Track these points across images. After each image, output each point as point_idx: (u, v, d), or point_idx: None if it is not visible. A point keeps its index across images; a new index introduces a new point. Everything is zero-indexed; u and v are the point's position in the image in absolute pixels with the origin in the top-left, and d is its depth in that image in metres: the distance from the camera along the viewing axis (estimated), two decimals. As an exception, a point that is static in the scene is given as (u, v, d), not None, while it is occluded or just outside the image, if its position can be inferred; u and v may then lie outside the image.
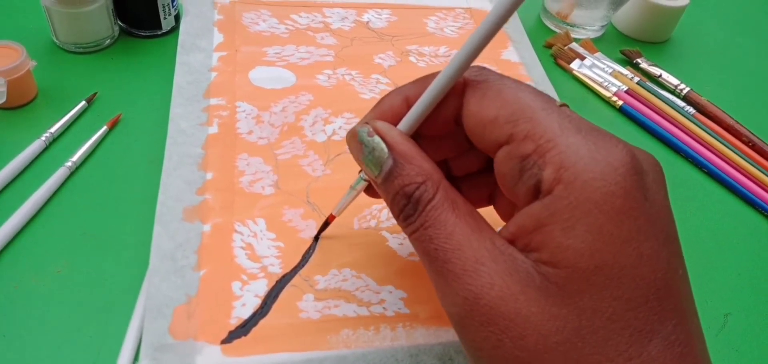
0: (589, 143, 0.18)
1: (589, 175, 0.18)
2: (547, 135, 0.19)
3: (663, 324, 0.18)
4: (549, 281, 0.18)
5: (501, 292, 0.19)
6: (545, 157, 0.19)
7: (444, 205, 0.21)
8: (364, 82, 0.41)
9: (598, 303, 0.17)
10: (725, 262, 0.36)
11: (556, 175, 0.18)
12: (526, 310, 0.18)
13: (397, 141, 0.22)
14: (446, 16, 0.50)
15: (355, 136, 0.23)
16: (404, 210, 0.21)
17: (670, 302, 0.18)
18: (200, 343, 0.26)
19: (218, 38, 0.42)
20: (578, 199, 0.18)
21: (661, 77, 0.50)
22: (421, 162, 0.22)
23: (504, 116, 0.20)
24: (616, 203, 0.18)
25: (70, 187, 0.33)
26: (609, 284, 0.17)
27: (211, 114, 0.36)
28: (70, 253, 0.30)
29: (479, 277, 0.19)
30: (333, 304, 0.29)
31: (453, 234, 0.20)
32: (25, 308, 0.28)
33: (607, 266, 0.17)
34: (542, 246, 0.19)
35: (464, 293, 0.19)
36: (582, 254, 0.18)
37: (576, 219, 0.18)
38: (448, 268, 0.20)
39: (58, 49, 0.42)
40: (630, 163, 0.18)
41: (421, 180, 0.21)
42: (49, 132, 0.35)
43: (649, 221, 0.18)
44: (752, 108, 0.49)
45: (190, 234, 0.30)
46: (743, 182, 0.41)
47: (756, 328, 0.33)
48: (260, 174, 0.34)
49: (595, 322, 0.17)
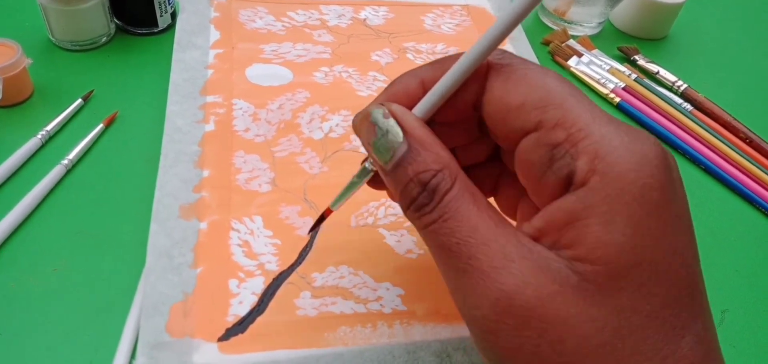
0: (622, 133, 0.18)
1: (625, 167, 0.17)
2: (579, 123, 0.18)
3: (694, 321, 0.17)
4: (586, 279, 0.17)
5: (537, 291, 0.17)
6: (578, 146, 0.18)
7: (464, 195, 0.19)
8: (361, 80, 0.41)
9: (637, 301, 0.17)
10: (723, 259, 0.36)
11: (591, 165, 0.17)
12: (565, 311, 0.17)
13: (414, 125, 0.20)
14: (443, 13, 0.50)
15: (367, 118, 0.21)
16: (417, 199, 0.20)
17: (699, 297, 0.18)
18: (197, 340, 0.26)
19: (215, 35, 0.42)
20: (616, 191, 0.17)
21: (659, 74, 0.50)
22: (439, 150, 0.20)
23: (531, 102, 0.19)
24: (653, 196, 0.17)
25: (67, 185, 0.33)
26: (647, 281, 0.17)
27: (208, 111, 0.36)
28: (67, 251, 0.30)
29: (511, 275, 0.18)
30: (330, 301, 0.29)
31: (477, 228, 0.19)
32: (21, 306, 0.28)
33: (647, 261, 0.17)
34: (577, 242, 0.17)
35: (495, 293, 0.18)
36: (622, 250, 0.17)
37: (615, 212, 0.17)
38: (473, 264, 0.18)
39: (54, 46, 0.42)
40: (662, 156, 0.18)
41: (439, 167, 0.20)
42: (45, 130, 0.35)
43: (680, 217, 0.18)
44: (750, 105, 0.49)
45: (186, 232, 0.30)
46: (741, 179, 0.41)
47: (753, 324, 0.33)
48: (257, 171, 0.34)
49: (634, 321, 0.17)
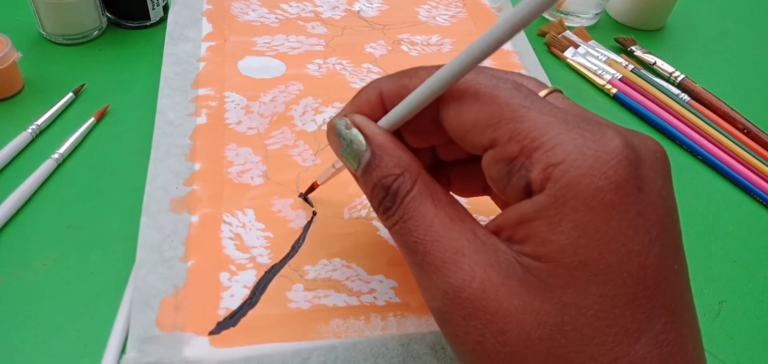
0: (576, 136, 0.17)
1: (577, 172, 0.17)
2: (532, 134, 0.18)
3: (652, 323, 0.17)
4: (530, 272, 0.18)
5: (482, 284, 0.18)
6: (532, 157, 0.18)
7: (422, 196, 0.20)
8: (355, 72, 0.41)
9: (582, 299, 0.17)
10: (720, 249, 0.36)
11: (544, 174, 0.17)
12: (508, 303, 0.18)
13: (375, 133, 0.22)
14: (438, 4, 0.49)
15: (333, 129, 0.23)
16: (383, 202, 0.21)
17: (660, 298, 0.17)
18: (188, 334, 0.26)
19: (207, 28, 0.42)
20: (565, 195, 0.17)
21: (656, 65, 0.49)
22: (400, 153, 0.21)
23: (484, 120, 0.19)
24: (605, 198, 0.17)
25: (57, 179, 0.33)
26: (594, 280, 0.17)
27: (200, 104, 0.36)
28: (57, 245, 0.30)
29: (459, 269, 0.18)
30: (323, 294, 0.28)
31: (432, 225, 0.20)
32: (11, 301, 0.27)
33: (593, 262, 0.17)
34: (526, 240, 0.18)
35: (444, 286, 0.19)
36: (565, 250, 0.17)
37: (562, 216, 0.17)
38: (427, 260, 0.19)
39: (45, 40, 0.41)
40: (622, 154, 0.17)
41: (399, 171, 0.21)
42: (36, 124, 0.35)
43: (641, 215, 0.17)
44: (747, 95, 0.49)
45: (177, 225, 0.30)
46: (738, 170, 0.41)
47: (751, 315, 0.33)
48: (249, 164, 0.33)
49: (579, 319, 0.17)
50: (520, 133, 0.18)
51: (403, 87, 0.22)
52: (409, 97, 0.21)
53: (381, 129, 0.22)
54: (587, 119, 0.18)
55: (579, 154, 0.17)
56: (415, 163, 0.21)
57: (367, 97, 0.23)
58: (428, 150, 0.25)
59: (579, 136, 0.17)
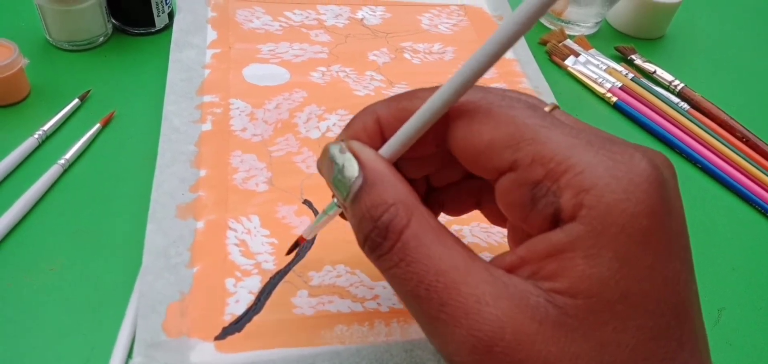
0: (605, 158, 0.16)
1: (612, 197, 0.16)
2: (557, 157, 0.17)
3: (682, 350, 0.16)
4: (567, 314, 0.16)
5: (515, 334, 0.16)
6: (560, 181, 0.17)
7: (427, 234, 0.18)
8: (359, 79, 0.41)
9: (621, 335, 0.16)
10: (720, 257, 0.36)
11: (577, 199, 0.16)
12: (546, 351, 0.16)
13: (371, 159, 0.19)
14: (440, 12, 0.50)
15: (326, 154, 0.21)
16: (369, 237, 0.19)
17: (689, 324, 0.17)
18: (194, 340, 0.26)
19: (212, 35, 0.42)
20: (603, 223, 0.16)
21: (656, 74, 0.50)
22: (396, 183, 0.19)
23: (501, 141, 0.18)
24: (642, 224, 0.16)
25: (63, 184, 0.33)
26: (633, 314, 0.16)
27: (205, 111, 0.36)
28: (64, 251, 0.30)
29: (486, 320, 0.17)
30: (327, 300, 0.29)
31: (446, 271, 0.17)
32: (18, 306, 0.28)
33: (633, 293, 0.16)
34: (559, 274, 0.16)
35: (472, 340, 0.17)
36: (607, 283, 0.16)
37: (601, 245, 0.16)
38: (445, 311, 0.17)
39: (51, 46, 0.41)
40: (653, 176, 0.16)
41: (391, 202, 0.18)
42: (42, 130, 0.35)
43: (673, 239, 0.17)
44: (746, 104, 0.49)
45: (183, 231, 0.30)
46: (738, 178, 0.41)
47: (750, 322, 0.33)
48: (254, 171, 0.34)
49: (618, 356, 0.16)
50: (544, 155, 0.17)
51: (402, 111, 0.20)
52: (411, 120, 0.19)
53: (379, 156, 0.20)
54: (608, 138, 0.17)
55: (611, 178, 0.16)
56: (411, 195, 0.19)
57: (363, 123, 0.21)
58: (423, 178, 0.24)
59: (608, 158, 0.16)
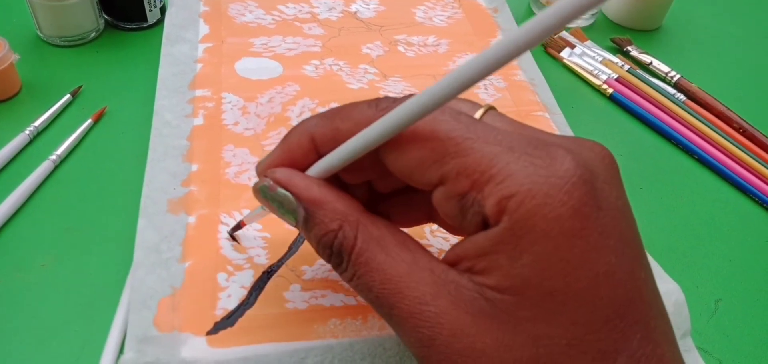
0: (526, 163, 0.17)
1: (533, 202, 0.16)
2: (480, 166, 0.17)
3: (628, 341, 0.17)
4: (497, 307, 0.17)
5: (452, 329, 0.17)
6: (484, 191, 0.17)
7: (370, 247, 0.19)
8: (352, 73, 0.41)
9: (554, 329, 0.16)
10: (716, 248, 0.36)
11: (499, 207, 0.17)
12: (481, 343, 0.17)
13: (302, 188, 0.20)
14: (435, 5, 0.50)
15: (257, 193, 0.22)
16: (331, 260, 0.20)
17: (634, 315, 0.17)
18: (185, 334, 0.26)
19: (204, 30, 0.42)
20: (523, 228, 0.16)
21: (652, 65, 0.49)
22: (334, 205, 0.20)
23: (427, 158, 0.18)
24: (565, 226, 0.16)
25: (55, 181, 0.33)
26: (563, 310, 0.16)
27: (197, 105, 0.36)
28: (55, 247, 0.30)
29: (426, 319, 0.18)
30: (320, 294, 0.28)
31: (389, 278, 0.19)
32: (8, 302, 0.27)
33: (559, 291, 0.16)
34: (488, 271, 0.17)
35: (417, 335, 0.18)
36: (529, 282, 0.17)
37: (523, 248, 0.16)
38: (394, 313, 0.19)
39: (42, 42, 0.41)
40: (575, 174, 0.17)
41: (337, 226, 0.20)
42: (34, 126, 0.35)
43: (604, 235, 0.17)
44: (743, 95, 0.49)
45: (175, 226, 0.30)
46: (734, 169, 0.41)
47: (746, 313, 0.33)
48: (246, 165, 0.34)
49: (553, 349, 0.17)
50: (467, 167, 0.18)
51: (335, 131, 0.21)
52: (343, 147, 0.20)
53: (309, 180, 0.20)
54: (533, 141, 0.18)
55: (532, 184, 0.16)
56: (353, 210, 0.20)
57: (298, 141, 0.22)
58: (364, 183, 0.24)
59: (528, 163, 0.17)
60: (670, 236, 0.36)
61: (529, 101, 0.42)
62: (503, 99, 0.41)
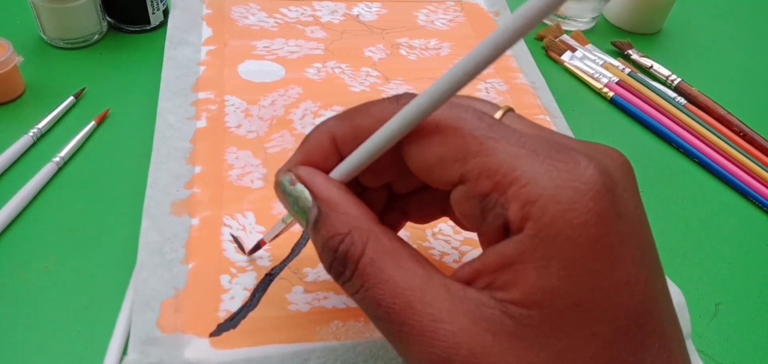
0: (550, 168, 0.17)
1: (558, 208, 0.16)
2: (503, 168, 0.17)
3: (647, 351, 0.17)
4: (522, 324, 0.16)
5: (471, 348, 0.17)
6: (507, 194, 0.17)
7: (382, 259, 0.18)
8: (354, 76, 0.41)
9: (578, 343, 0.16)
10: (717, 251, 0.36)
11: (523, 212, 0.16)
12: (503, 362, 0.16)
13: (321, 187, 0.20)
14: (437, 8, 0.50)
15: (278, 186, 0.21)
16: (333, 266, 0.19)
17: (652, 324, 0.17)
18: (188, 336, 0.26)
19: (207, 32, 0.42)
20: (550, 235, 0.16)
21: (652, 68, 0.50)
22: (349, 209, 0.19)
23: (449, 155, 0.18)
24: (589, 233, 0.16)
25: (58, 182, 0.33)
26: (587, 321, 0.16)
27: (200, 108, 0.36)
28: (58, 248, 0.30)
29: (442, 338, 0.17)
30: (322, 296, 0.29)
31: (401, 292, 0.18)
32: (12, 304, 0.28)
33: (585, 301, 0.16)
34: (512, 285, 0.17)
35: (430, 356, 0.17)
36: (558, 293, 0.16)
37: (550, 257, 0.16)
38: (404, 331, 0.18)
39: (46, 44, 0.41)
40: (599, 181, 0.16)
41: (346, 230, 0.19)
42: (37, 128, 0.35)
43: (624, 243, 0.17)
44: (743, 98, 0.49)
45: (178, 228, 0.30)
46: (735, 172, 0.41)
47: (747, 317, 0.33)
48: (249, 167, 0.34)
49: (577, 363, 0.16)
50: (489, 167, 0.17)
51: (356, 129, 0.20)
52: (366, 143, 0.19)
53: (330, 181, 0.20)
54: (554, 145, 0.17)
55: (556, 189, 0.16)
56: (366, 219, 0.19)
57: (318, 142, 0.21)
58: (384, 186, 0.24)
59: (552, 167, 0.17)
60: (670, 239, 0.36)
61: (530, 104, 0.42)
62: (504, 102, 0.41)
